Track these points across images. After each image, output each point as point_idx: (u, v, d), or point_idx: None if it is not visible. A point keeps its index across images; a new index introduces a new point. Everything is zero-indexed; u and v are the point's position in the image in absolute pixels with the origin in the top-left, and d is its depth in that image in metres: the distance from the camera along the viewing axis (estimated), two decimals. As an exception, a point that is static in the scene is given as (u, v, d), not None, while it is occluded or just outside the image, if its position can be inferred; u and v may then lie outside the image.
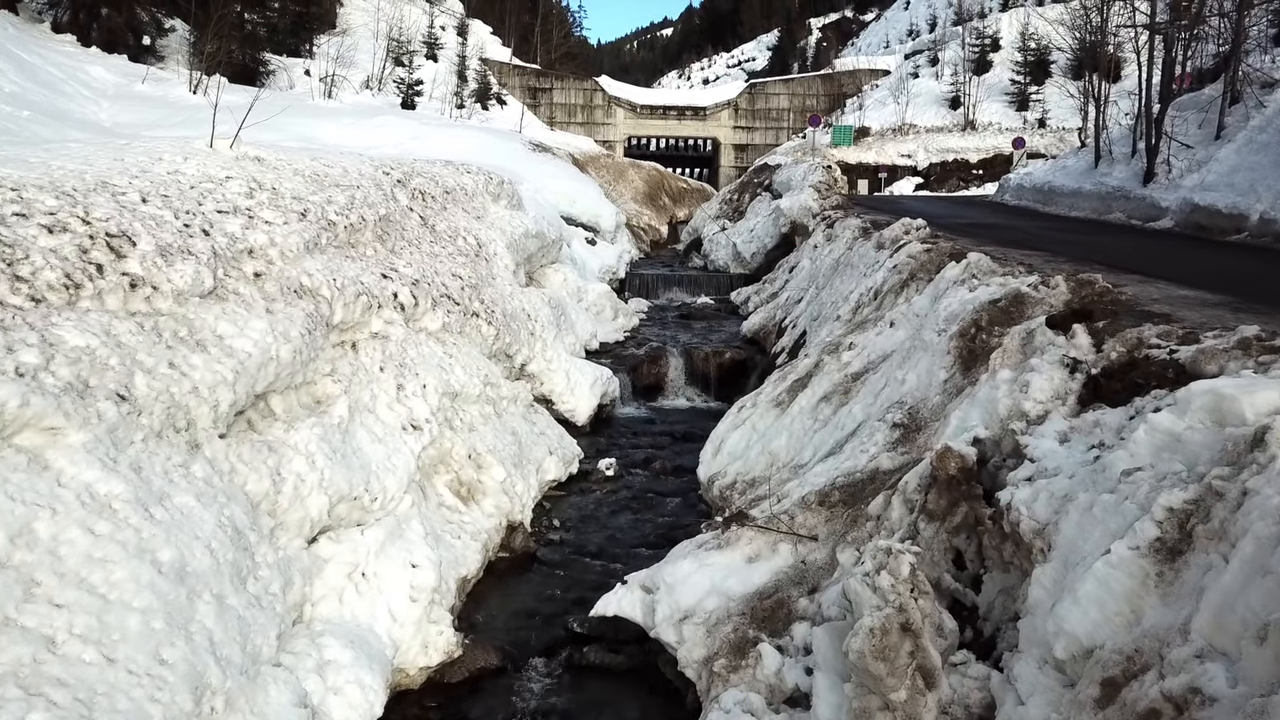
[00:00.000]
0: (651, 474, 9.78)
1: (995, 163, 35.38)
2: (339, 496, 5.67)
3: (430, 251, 10.00)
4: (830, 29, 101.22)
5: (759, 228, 21.58)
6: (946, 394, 6.00)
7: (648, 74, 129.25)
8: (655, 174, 38.04)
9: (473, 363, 8.69)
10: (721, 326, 16.41)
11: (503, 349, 10.22)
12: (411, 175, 11.77)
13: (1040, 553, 3.82)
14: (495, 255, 11.78)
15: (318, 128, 20.60)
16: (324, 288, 6.92)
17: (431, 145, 19.94)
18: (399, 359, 7.55)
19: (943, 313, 6.89)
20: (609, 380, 11.96)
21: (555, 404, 11.18)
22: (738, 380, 13.52)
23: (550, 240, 15.28)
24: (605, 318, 15.71)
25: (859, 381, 7.66)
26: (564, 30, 67.77)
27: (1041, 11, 39.73)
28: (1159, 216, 15.31)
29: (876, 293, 9.59)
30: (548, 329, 11.73)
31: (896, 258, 9.74)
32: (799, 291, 14.18)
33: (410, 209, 10.70)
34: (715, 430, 8.73)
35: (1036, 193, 21.10)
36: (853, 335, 8.64)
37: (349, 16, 42.66)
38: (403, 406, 7.15)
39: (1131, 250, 10.94)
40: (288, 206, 7.57)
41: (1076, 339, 5.29)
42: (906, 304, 8.35)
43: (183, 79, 24.68)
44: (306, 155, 9.91)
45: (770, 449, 7.76)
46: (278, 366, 5.71)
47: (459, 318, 9.28)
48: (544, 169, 22.90)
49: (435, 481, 7.18)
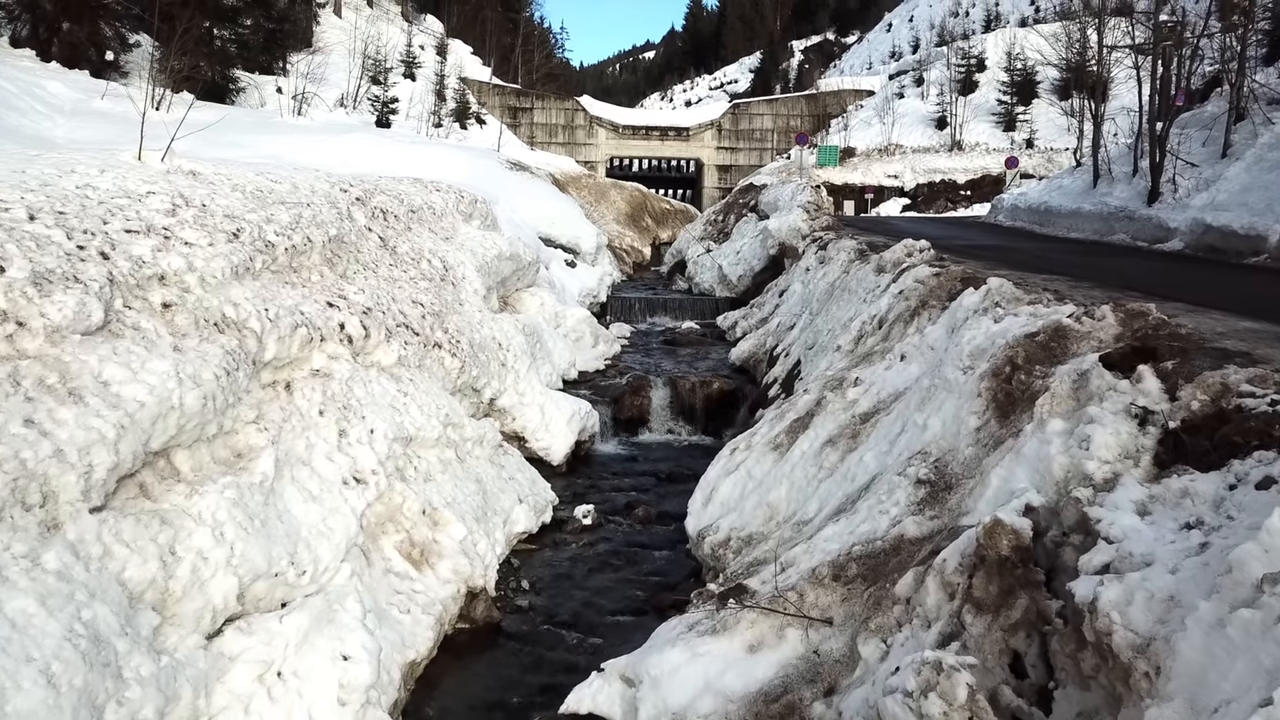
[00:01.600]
0: (634, 522, 8.81)
1: (983, 183, 34.88)
2: (254, 574, 4.68)
3: (388, 276, 9.05)
4: (812, 51, 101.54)
5: (745, 249, 20.75)
6: (980, 445, 5.09)
7: (630, 96, 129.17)
8: (638, 195, 37.25)
9: (432, 401, 7.71)
10: (708, 353, 15.50)
11: (469, 383, 9.25)
12: (373, 193, 10.83)
13: (1145, 678, 2.89)
14: (464, 279, 10.84)
15: (284, 145, 19.63)
16: (252, 319, 5.96)
17: (403, 163, 19.00)
18: (343, 400, 6.57)
19: (966, 347, 5.99)
20: (588, 415, 11.01)
21: (528, 442, 10.22)
22: (727, 412, 12.61)
23: (526, 262, 14.36)
24: (585, 345, 14.76)
25: (869, 423, 6.75)
26: (545, 51, 67.29)
27: (1028, 32, 39.39)
28: (1167, 238, 14.57)
29: (881, 321, 8.71)
30: (521, 359, 10.78)
31: (902, 283, 8.87)
32: (791, 317, 13.30)
33: (368, 229, 9.76)
34: (705, 476, 7.79)
35: (1032, 213, 20.40)
36: (858, 369, 7.74)
37: (325, 35, 41.85)
38: (345, 456, 6.17)
39: (1156, 274, 10.15)
40: (217, 226, 6.61)
41: (1143, 383, 4.40)
42: (918, 335, 7.46)
43: (141, 96, 23.65)
44: (251, 170, 8.96)
45: (769, 500, 6.82)
46: (182, 417, 4.73)
47: (418, 350, 8.31)
48: (522, 188, 22.01)
49: (382, 544, 6.19)
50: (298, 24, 40.37)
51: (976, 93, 40.23)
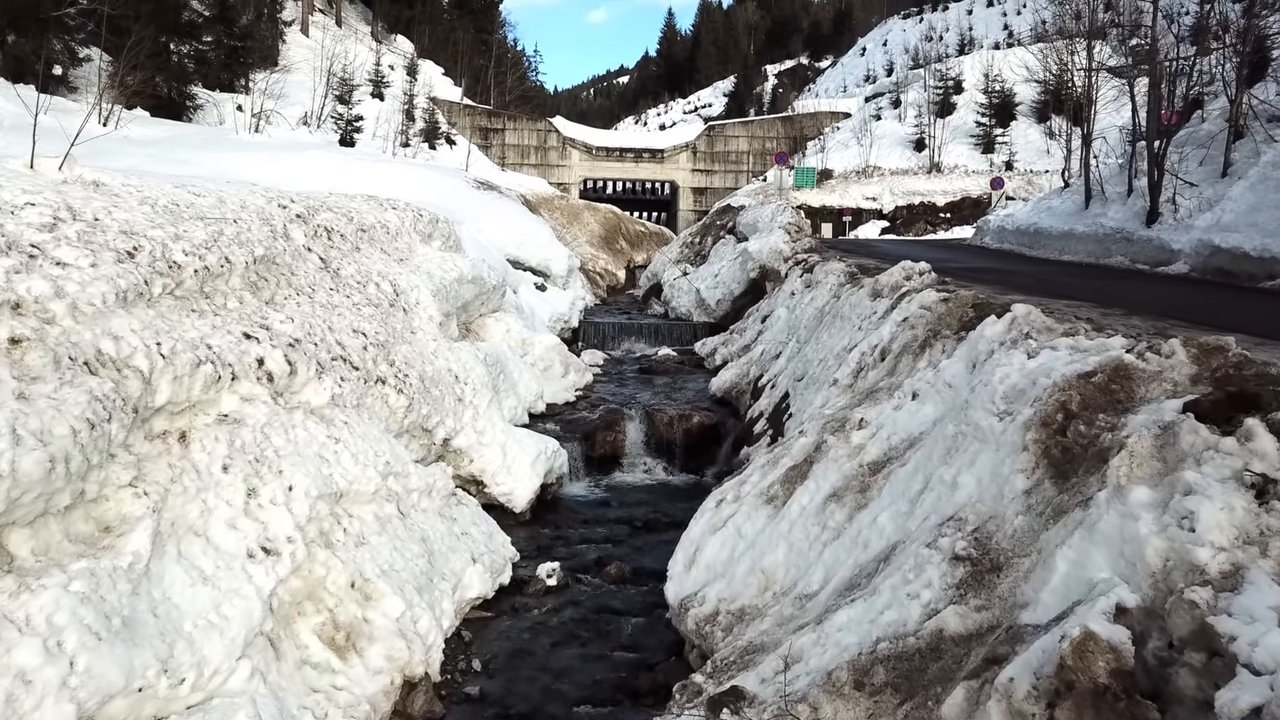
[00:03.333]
0: (606, 582, 7.75)
1: (963, 206, 34.32)
2: (105, 695, 3.58)
3: (326, 301, 7.97)
4: (786, 75, 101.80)
5: (724, 273, 19.83)
6: (1034, 514, 4.11)
7: (604, 120, 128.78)
8: (612, 216, 36.33)
9: (370, 447, 6.63)
10: (686, 383, 14.50)
11: (418, 423, 8.18)
12: (317, 209, 9.77)
13: None
14: (417, 305, 9.78)
15: (235, 162, 18.52)
16: (138, 356, 4.87)
17: (362, 181, 17.92)
18: (256, 451, 5.49)
19: (998, 387, 5.03)
20: (555, 454, 9.95)
21: (488, 487, 9.14)
22: (708, 448, 11.61)
23: (490, 286, 13.33)
24: (554, 374, 13.71)
25: (880, 475, 5.76)
26: (519, 73, 66.56)
27: (1006, 54, 39.11)
28: (1170, 260, 13.79)
29: (884, 352, 7.75)
30: (481, 393, 9.72)
31: (906, 309, 7.92)
32: (776, 345, 12.34)
33: (307, 249, 8.69)
34: (688, 533, 6.74)
35: (1021, 235, 19.65)
36: (862, 408, 6.76)
37: (291, 54, 40.78)
38: (253, 521, 5.08)
39: (1179, 299, 9.30)
40: (107, 243, 5.53)
41: (1254, 442, 3.44)
42: (931, 370, 6.50)
43: (87, 109, 22.43)
44: (171, 182, 7.88)
45: (763, 566, 5.80)
46: (15, 486, 3.65)
47: (356, 386, 7.24)
48: (489, 208, 21.02)
49: (297, 628, 5.09)
50: (263, 42, 39.31)
51: (954, 115, 39.80)
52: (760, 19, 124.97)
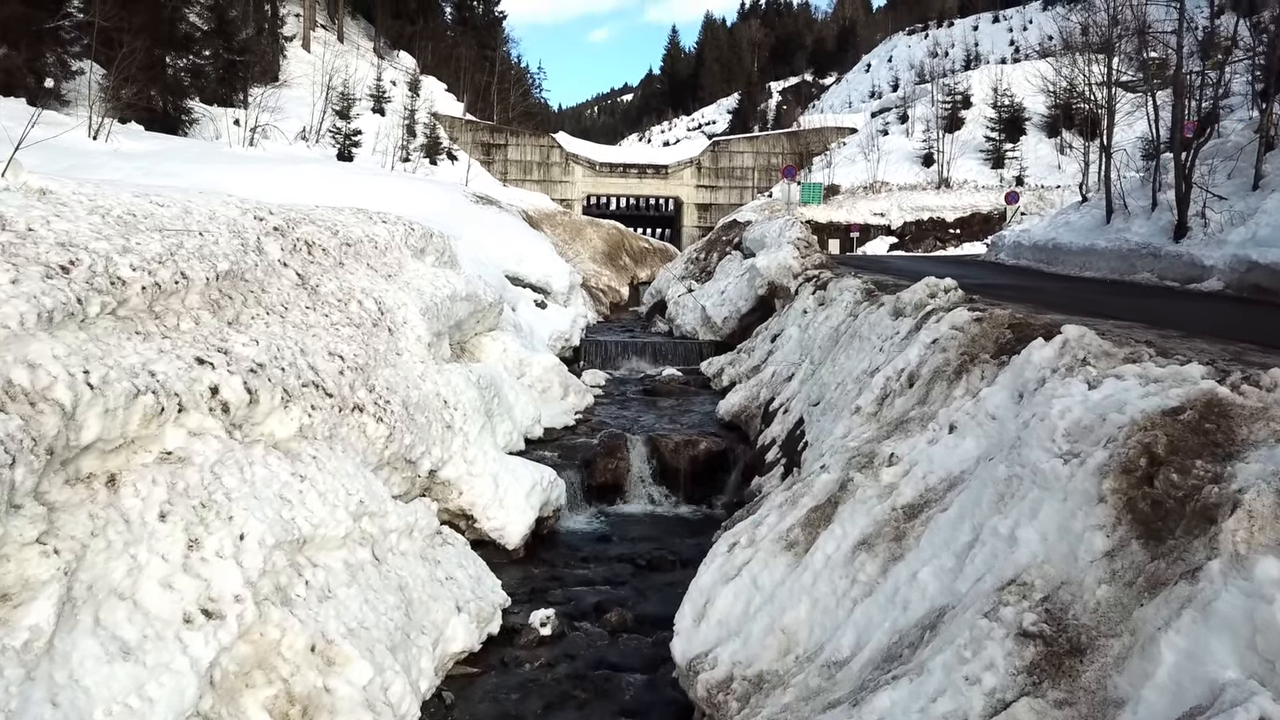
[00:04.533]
0: (606, 630, 7.02)
1: (973, 221, 33.69)
2: (-26, 817, 2.88)
3: (300, 321, 7.29)
4: (790, 92, 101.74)
5: (731, 289, 19.14)
6: (1120, 583, 3.40)
7: (609, 137, 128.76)
8: (615, 233, 35.76)
9: (342, 485, 5.93)
10: (692, 405, 13.79)
11: (400, 454, 7.48)
12: (297, 222, 9.11)
13: None
14: (404, 324, 9.10)
15: (226, 175, 17.91)
16: (59, 387, 4.19)
17: (356, 195, 17.32)
18: (202, 494, 4.79)
19: (1058, 423, 4.33)
20: (551, 484, 9.23)
21: (478, 522, 8.44)
22: (716, 476, 10.89)
23: (486, 304, 12.65)
24: (553, 396, 13.02)
25: (917, 520, 5.04)
26: (522, 89, 66.30)
27: (1015, 68, 38.55)
28: (1202, 276, 13.09)
29: (911, 377, 7.04)
30: (472, 419, 9.03)
31: (935, 330, 7.22)
32: (788, 367, 11.63)
33: (284, 264, 8.02)
34: (697, 581, 6.02)
35: (1038, 251, 18.96)
36: (891, 441, 6.04)
37: (292, 69, 40.43)
38: (193, 579, 4.37)
39: (1233, 319, 8.62)
40: (36, 256, 4.86)
41: None
42: (970, 399, 5.79)
43: (81, 123, 21.90)
44: (132, 191, 7.22)
45: (784, 625, 5.08)
46: None
47: (330, 415, 6.55)
48: (488, 223, 20.41)
49: (244, 704, 4.37)
50: (263, 56, 38.93)
51: (963, 129, 39.18)
52: (764, 36, 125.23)
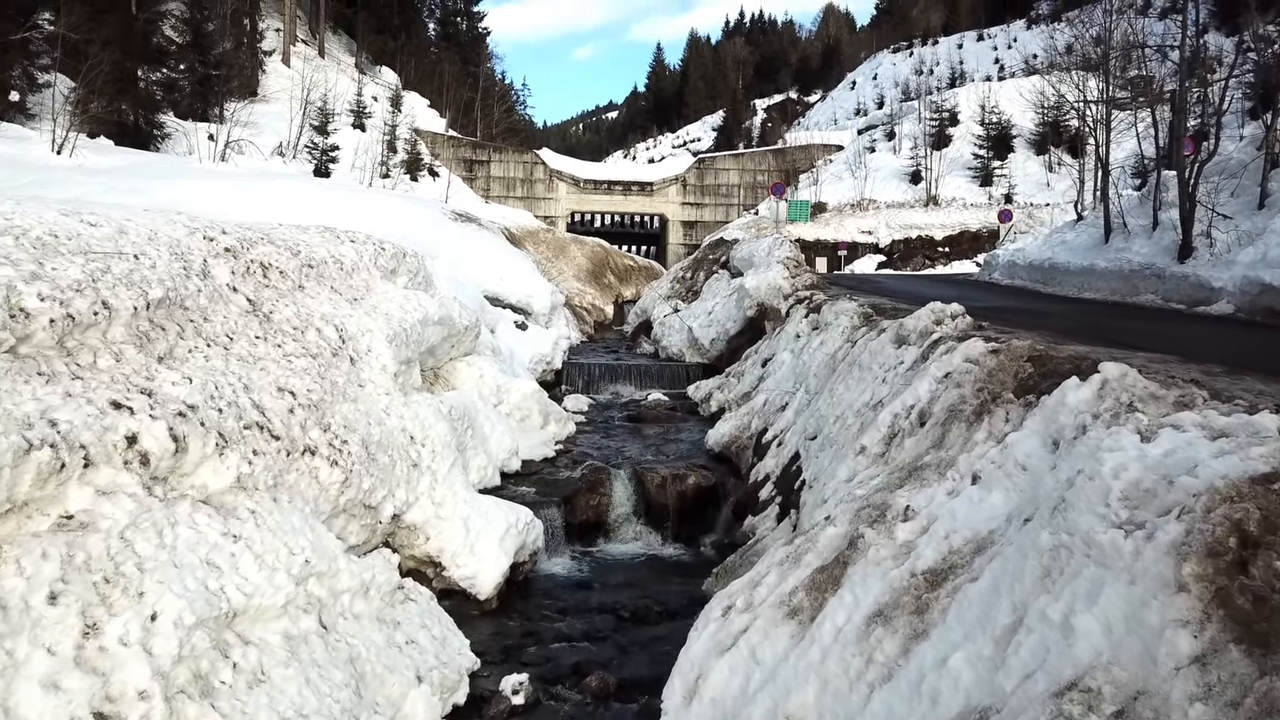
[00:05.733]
0: (586, 697, 6.31)
1: (962, 239, 33.28)
2: None
3: (246, 353, 6.58)
4: (775, 109, 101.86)
5: (718, 310, 18.53)
6: (1219, 702, 2.74)
7: (594, 154, 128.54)
8: (599, 250, 35.17)
9: (283, 543, 5.22)
10: (679, 433, 13.12)
11: (358, 499, 6.76)
12: (253, 242, 8.39)
13: None
14: (367, 352, 8.40)
15: (193, 191, 17.18)
16: (-77, 446, 3.47)
17: (328, 212, 16.61)
18: (107, 567, 4.07)
19: (1112, 484, 3.69)
20: (527, 527, 8.52)
21: (446, 570, 7.72)
22: (705, 513, 10.22)
23: (462, 327, 11.95)
24: (532, 425, 12.32)
25: (943, 590, 4.37)
26: (506, 106, 65.83)
27: (1002, 85, 38.32)
28: (1210, 299, 12.56)
29: (923, 415, 6.40)
30: (442, 455, 8.32)
31: (947, 362, 6.59)
32: (781, 395, 10.99)
33: (233, 289, 7.31)
34: (688, 651, 5.32)
35: (1034, 271, 18.46)
36: (906, 491, 5.39)
37: (271, 83, 39.74)
38: (87, 675, 3.65)
39: (1269, 347, 8.03)
40: (-82, 286, 4.15)
41: None
42: (994, 445, 5.15)
43: (45, 139, 21.11)
44: (58, 208, 6.51)
45: (789, 711, 4.39)
46: None
47: (275, 461, 5.83)
48: (467, 241, 19.74)
49: (146, 826, 3.64)
50: (242, 70, 38.24)
51: (950, 147, 38.87)
52: (749, 54, 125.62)
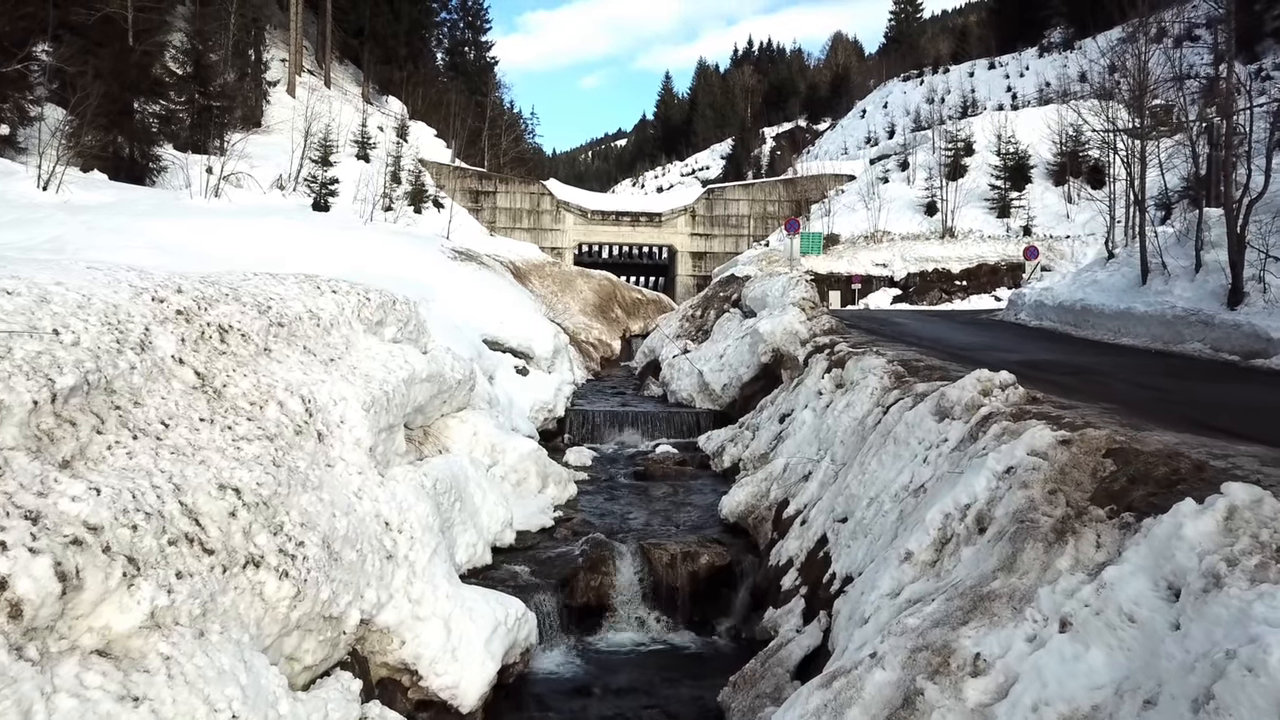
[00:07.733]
0: None
1: (979, 273, 32.31)
2: None
3: (184, 442, 5.62)
4: (784, 138, 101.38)
5: (730, 354, 17.57)
6: None
7: (602, 182, 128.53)
8: (607, 283, 34.30)
9: (201, 698, 4.22)
10: (690, 495, 12.11)
11: (316, 612, 5.76)
12: (214, 301, 7.45)
13: None
14: (339, 424, 7.43)
15: (177, 231, 16.35)
16: None
17: (317, 253, 15.77)
18: (-60, 774, 3.09)
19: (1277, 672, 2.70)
20: (519, 622, 7.51)
21: (423, 679, 6.70)
22: (719, 594, 9.20)
23: (454, 382, 10.99)
24: (528, 490, 11.33)
25: (1037, 795, 3.37)
26: (514, 135, 65.39)
27: (1018, 115, 37.47)
28: (1267, 351, 11.53)
29: (980, 518, 5.39)
30: (421, 542, 7.33)
31: (1009, 454, 5.58)
32: (803, 461, 9.98)
33: (179, 360, 6.36)
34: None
35: (1064, 312, 17.44)
36: (972, 630, 4.37)
37: (275, 114, 39.19)
38: None
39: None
40: None
41: None
42: (1086, 579, 4.14)
43: (32, 173, 20.35)
44: (-30, 273, 5.59)
45: None
46: None
47: (205, 582, 4.85)
48: (466, 282, 18.86)
49: None
50: (246, 101, 37.73)
51: (966, 177, 37.92)
52: (757, 82, 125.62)
